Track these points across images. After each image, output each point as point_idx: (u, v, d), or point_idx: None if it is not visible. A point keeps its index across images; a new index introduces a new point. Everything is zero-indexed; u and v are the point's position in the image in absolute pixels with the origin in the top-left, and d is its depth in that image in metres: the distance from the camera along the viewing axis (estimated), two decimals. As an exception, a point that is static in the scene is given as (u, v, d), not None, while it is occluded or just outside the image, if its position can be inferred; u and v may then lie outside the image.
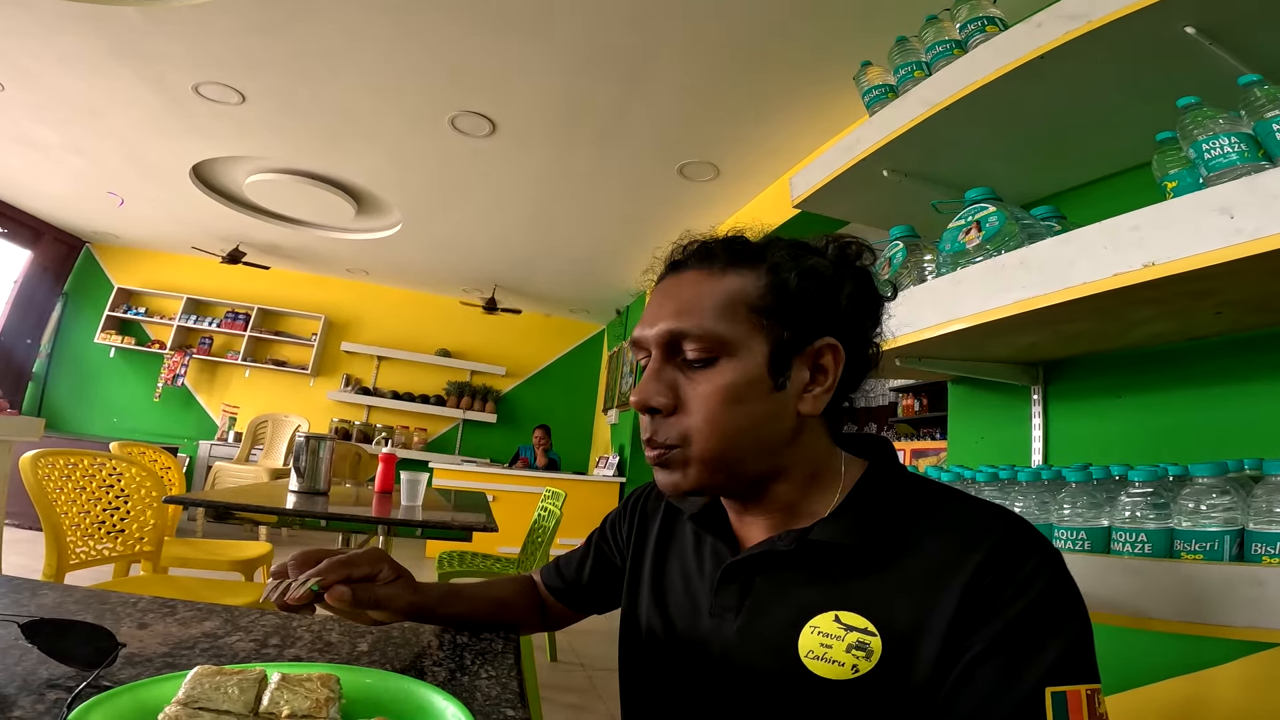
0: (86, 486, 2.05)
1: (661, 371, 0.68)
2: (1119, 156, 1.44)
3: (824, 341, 0.67)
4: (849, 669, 0.59)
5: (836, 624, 0.61)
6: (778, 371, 0.65)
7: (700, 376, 0.66)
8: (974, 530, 0.60)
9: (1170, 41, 1.06)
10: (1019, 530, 0.60)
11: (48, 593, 0.82)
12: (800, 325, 0.66)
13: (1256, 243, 0.79)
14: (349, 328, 7.11)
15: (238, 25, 2.70)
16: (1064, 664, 0.53)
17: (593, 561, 0.94)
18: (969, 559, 0.58)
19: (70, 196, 5.17)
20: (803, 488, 0.69)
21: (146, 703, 0.49)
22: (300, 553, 0.73)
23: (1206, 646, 1.12)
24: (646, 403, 0.67)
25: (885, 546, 0.63)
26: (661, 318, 0.68)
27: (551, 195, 4.21)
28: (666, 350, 0.68)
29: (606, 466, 6.07)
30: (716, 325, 0.65)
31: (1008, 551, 0.58)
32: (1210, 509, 0.89)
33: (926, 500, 0.66)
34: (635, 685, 0.81)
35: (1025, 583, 0.56)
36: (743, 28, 2.41)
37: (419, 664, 0.72)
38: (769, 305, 0.66)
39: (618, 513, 0.94)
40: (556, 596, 0.96)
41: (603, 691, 2.81)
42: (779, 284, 0.66)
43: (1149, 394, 1.35)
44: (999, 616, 0.55)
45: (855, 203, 1.80)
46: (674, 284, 0.70)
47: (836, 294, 0.69)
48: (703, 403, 0.65)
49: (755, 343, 0.65)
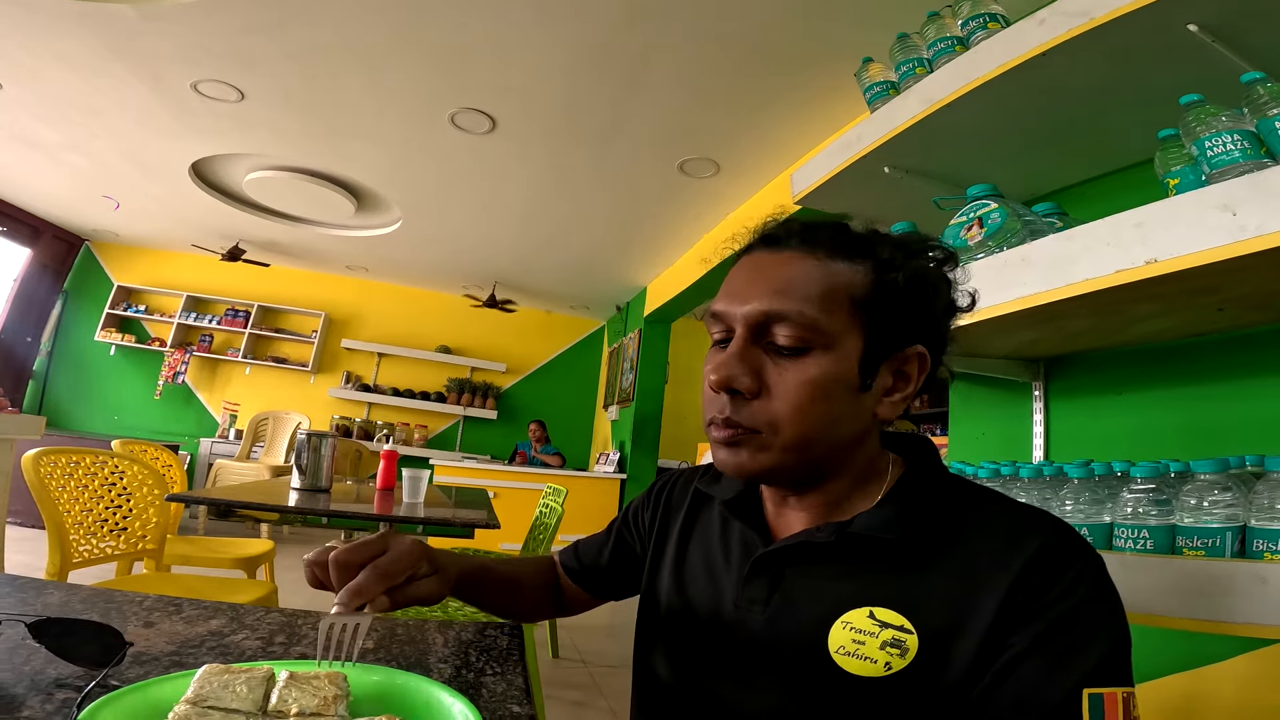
0: (89, 485, 2.05)
1: (746, 352, 0.64)
2: (1121, 153, 1.44)
3: (915, 349, 0.66)
4: (881, 666, 0.58)
5: (871, 620, 0.60)
6: (866, 372, 0.63)
7: (790, 365, 0.63)
8: (1019, 532, 0.59)
9: (1173, 39, 1.06)
10: (1064, 534, 0.59)
11: (53, 591, 0.82)
12: (897, 328, 0.64)
13: (1259, 240, 0.79)
14: (349, 324, 7.11)
15: (235, 23, 2.70)
16: (1103, 667, 0.53)
17: (612, 546, 0.93)
18: (1014, 561, 0.57)
19: (69, 195, 5.16)
20: (852, 484, 0.68)
21: (155, 702, 0.49)
22: (337, 556, 0.63)
23: (1208, 643, 1.12)
24: (730, 383, 0.63)
25: (926, 545, 0.62)
26: (755, 295, 0.64)
27: (552, 192, 4.21)
28: (755, 330, 0.64)
29: (607, 463, 6.07)
30: (817, 314, 0.62)
31: (1053, 555, 0.57)
32: (1212, 505, 0.89)
33: (969, 501, 0.65)
34: (650, 674, 0.79)
35: (1069, 586, 0.55)
36: (744, 24, 2.40)
37: (425, 661, 0.72)
38: (872, 302, 0.63)
39: (641, 500, 0.93)
40: (573, 578, 0.95)
41: (604, 688, 2.82)
42: (886, 283, 0.63)
43: (1151, 391, 1.35)
44: (1041, 618, 0.55)
45: (856, 199, 1.80)
46: (770, 261, 0.66)
47: (935, 301, 0.67)
48: (792, 392, 0.62)
49: (851, 339, 0.63)
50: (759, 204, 3.85)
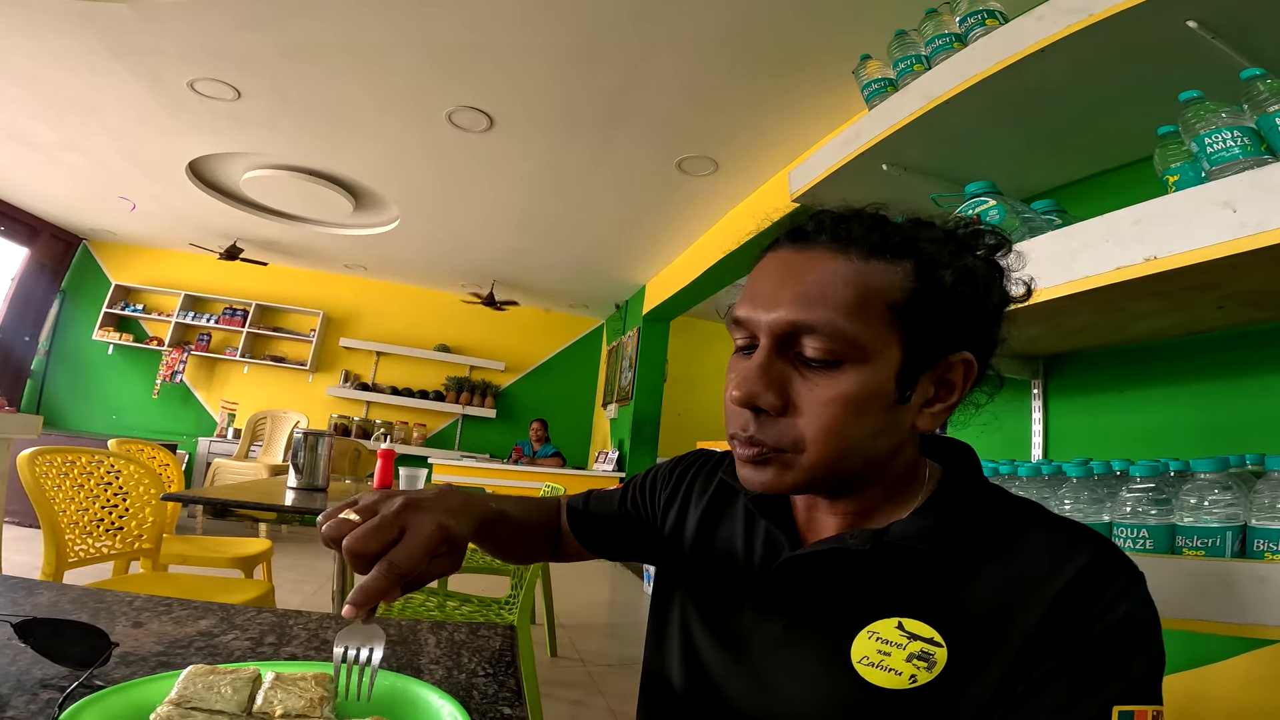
0: (84, 484, 2.04)
1: (771, 365, 0.58)
2: (1120, 150, 1.43)
3: (961, 356, 0.60)
4: (906, 679, 0.56)
5: (899, 631, 0.58)
6: (905, 384, 0.58)
7: (819, 379, 0.57)
8: (1062, 549, 0.57)
9: (1172, 35, 1.05)
10: (1108, 551, 0.57)
11: (43, 592, 0.81)
12: (941, 335, 0.59)
13: (1259, 236, 0.79)
14: (347, 323, 7.10)
15: (231, 21, 2.69)
16: (1136, 686, 0.51)
17: (622, 507, 0.89)
18: (1057, 579, 0.54)
19: (67, 194, 5.15)
20: (887, 491, 0.65)
21: (138, 702, 0.49)
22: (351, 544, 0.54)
23: (1208, 642, 1.11)
24: (753, 400, 0.58)
25: (963, 556, 0.59)
26: (781, 303, 0.58)
27: (550, 190, 4.20)
28: (781, 341, 0.58)
29: (606, 461, 6.07)
30: (849, 324, 0.56)
31: (1097, 573, 0.55)
32: (1212, 505, 0.89)
33: (1010, 513, 0.62)
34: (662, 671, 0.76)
35: (1111, 604, 0.53)
36: (742, 21, 2.40)
37: (415, 662, 0.72)
38: (912, 309, 0.57)
39: (661, 474, 0.88)
40: (574, 522, 0.89)
41: (603, 687, 2.82)
42: (929, 286, 0.58)
43: (1150, 388, 1.35)
44: (1079, 635, 0.53)
45: (854, 197, 1.77)
46: (798, 261, 0.60)
47: (985, 302, 0.61)
48: (821, 410, 0.57)
49: (888, 350, 0.57)
50: (757, 202, 3.86)
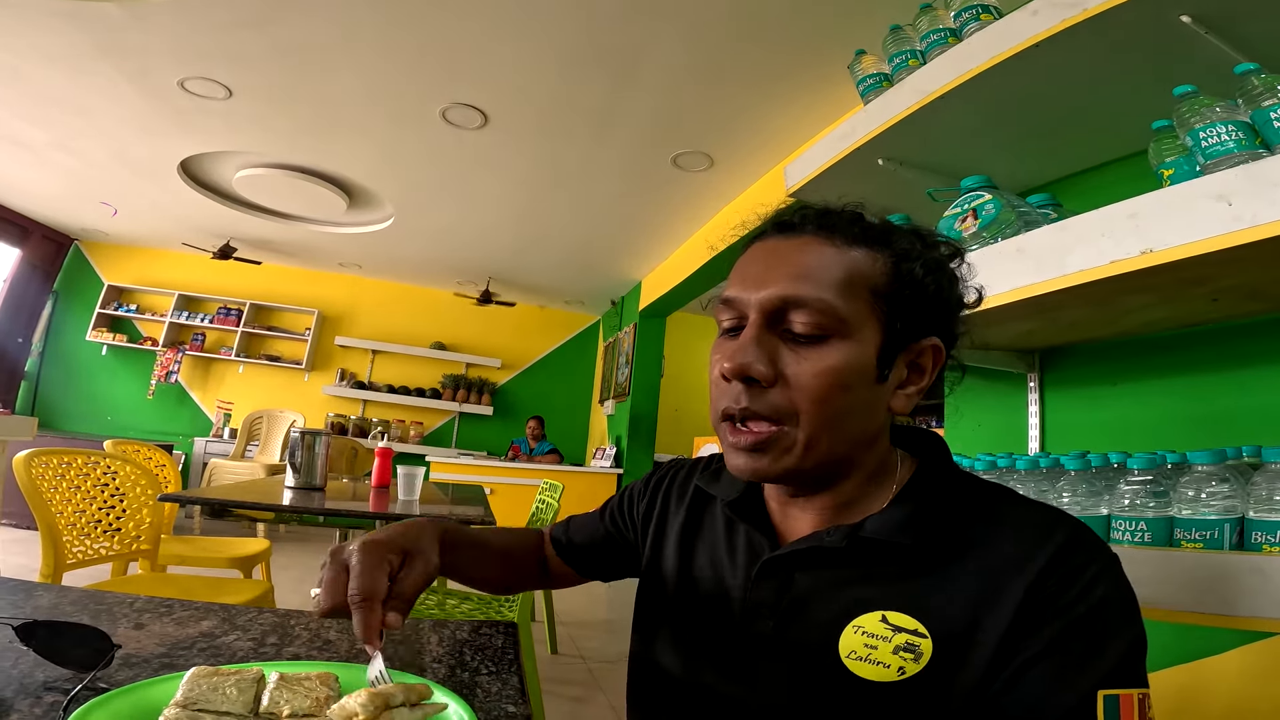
0: (81, 485, 2.03)
1: (762, 338, 0.62)
2: (1115, 144, 1.44)
3: (930, 341, 0.65)
4: (894, 671, 0.57)
5: (883, 624, 0.59)
6: (884, 363, 0.62)
7: (808, 353, 0.61)
8: (1036, 532, 0.58)
9: (1166, 30, 1.06)
10: (1082, 534, 0.58)
11: (43, 594, 0.81)
12: (914, 319, 0.63)
13: (1255, 230, 0.79)
14: (343, 322, 7.07)
15: (221, 19, 2.67)
16: (1119, 668, 0.52)
17: (603, 528, 0.91)
18: (1032, 561, 0.56)
19: (58, 194, 5.11)
20: (862, 483, 0.67)
21: (144, 705, 0.49)
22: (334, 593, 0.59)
23: (1206, 636, 1.12)
24: (745, 371, 0.60)
25: (939, 546, 0.60)
26: (773, 281, 0.62)
27: (544, 187, 4.19)
28: (771, 317, 0.62)
29: (604, 458, 6.07)
30: (836, 300, 0.60)
31: (1071, 556, 0.56)
32: (1210, 497, 0.89)
33: (983, 500, 0.64)
34: (650, 673, 0.76)
35: (1088, 586, 0.55)
36: (735, 17, 2.39)
37: (419, 661, 0.72)
38: (891, 292, 0.62)
39: (638, 489, 0.90)
40: (561, 552, 0.93)
41: (604, 684, 2.82)
42: (905, 272, 0.63)
43: (1145, 381, 1.36)
44: (1060, 618, 0.54)
45: (850, 192, 1.77)
46: (787, 247, 0.64)
47: (950, 293, 0.67)
48: (811, 381, 0.60)
49: (869, 329, 0.62)
50: (753, 197, 3.85)
